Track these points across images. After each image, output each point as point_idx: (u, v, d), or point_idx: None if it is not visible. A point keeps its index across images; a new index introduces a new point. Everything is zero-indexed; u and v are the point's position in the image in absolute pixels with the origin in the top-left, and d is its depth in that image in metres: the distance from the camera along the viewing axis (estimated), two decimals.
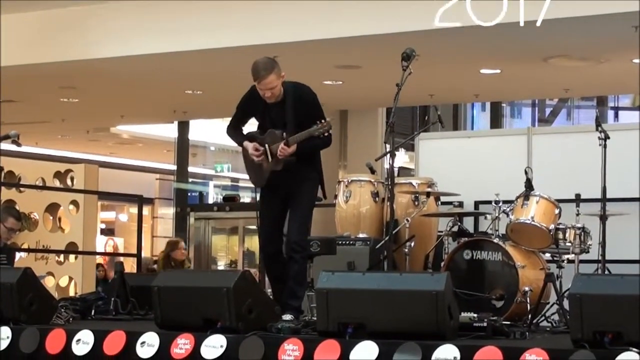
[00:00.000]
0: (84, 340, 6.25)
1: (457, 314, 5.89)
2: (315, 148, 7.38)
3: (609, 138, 7.88)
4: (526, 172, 7.99)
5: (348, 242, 8.56)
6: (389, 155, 7.03)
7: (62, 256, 12.21)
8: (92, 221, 12.32)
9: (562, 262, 7.85)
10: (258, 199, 7.59)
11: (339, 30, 11.43)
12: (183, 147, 19.72)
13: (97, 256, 16.31)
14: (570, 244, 7.79)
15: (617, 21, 10.41)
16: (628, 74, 12.62)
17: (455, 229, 8.25)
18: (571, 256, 7.83)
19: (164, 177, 23.14)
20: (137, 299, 7.86)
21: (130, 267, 15.95)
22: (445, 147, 10.03)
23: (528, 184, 7.93)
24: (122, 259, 19.83)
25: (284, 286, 7.29)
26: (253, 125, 7.64)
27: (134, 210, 20.33)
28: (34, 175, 12.35)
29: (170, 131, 20.00)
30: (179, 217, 19.53)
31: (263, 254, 7.69)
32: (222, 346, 5.88)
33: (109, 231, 24.26)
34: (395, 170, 7.48)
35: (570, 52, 12.15)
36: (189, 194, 20.74)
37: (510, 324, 6.42)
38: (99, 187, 12.49)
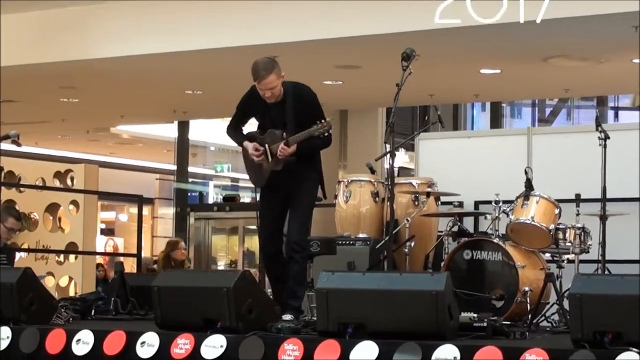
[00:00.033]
0: (84, 340, 6.25)
1: (457, 314, 5.89)
2: (315, 148, 7.38)
3: (609, 138, 7.87)
4: (526, 172, 7.99)
5: (348, 242, 8.55)
6: (389, 155, 7.03)
7: (62, 256, 12.20)
8: (92, 221, 12.31)
9: (562, 262, 7.85)
10: (258, 199, 7.59)
11: (339, 30, 11.42)
12: (183, 147, 19.69)
13: (97, 256, 16.29)
14: (570, 244, 7.78)
15: (617, 21, 10.41)
16: (628, 74, 12.61)
17: (455, 229, 8.24)
18: (571, 256, 7.83)
19: (164, 177, 23.12)
20: (137, 299, 7.87)
21: (130, 267, 15.94)
22: (445, 147, 10.03)
23: (528, 184, 7.93)
24: (122, 259, 19.82)
25: (284, 286, 7.28)
26: (253, 125, 7.64)
27: (134, 210, 20.32)
28: (34, 175, 12.35)
29: (170, 131, 19.98)
30: (179, 217, 19.52)
31: (263, 254, 7.69)
32: (222, 346, 5.88)
33: (109, 231, 24.25)
34: (395, 170, 7.47)
35: (570, 52, 12.14)
36: (189, 194, 20.72)
37: (510, 324, 6.42)
38: (99, 187, 12.48)
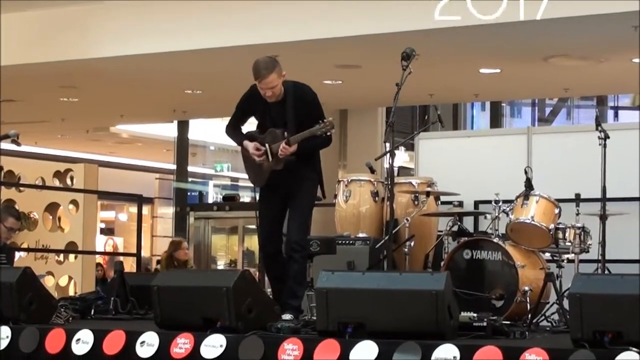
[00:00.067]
0: (84, 339, 6.25)
1: (457, 314, 5.89)
2: (315, 147, 7.37)
3: (608, 137, 7.87)
4: (526, 171, 7.98)
5: (348, 241, 8.55)
6: (388, 155, 7.03)
7: (61, 256, 12.20)
8: (91, 221, 12.31)
9: (562, 261, 7.84)
10: (257, 198, 7.59)
11: (338, 29, 11.42)
12: (183, 147, 19.68)
13: (97, 256, 16.29)
14: (570, 244, 7.78)
15: (616, 21, 10.41)
16: (628, 73, 12.61)
17: (455, 228, 8.24)
18: (571, 256, 7.82)
19: (164, 177, 23.11)
20: (136, 298, 7.86)
21: (130, 266, 15.93)
22: (445, 146, 10.03)
23: (528, 183, 7.92)
24: (121, 258, 19.83)
25: (283, 286, 7.28)
26: (252, 125, 7.63)
27: (134, 209, 20.33)
28: (34, 175, 12.35)
29: (169, 131, 19.97)
30: (178, 216, 19.51)
31: (262, 254, 7.68)
32: (221, 346, 5.88)
33: (108, 231, 24.25)
34: (395, 169, 7.46)
35: (570, 51, 12.14)
36: (189, 194, 20.71)
37: (510, 324, 6.42)
38: (98, 186, 12.48)
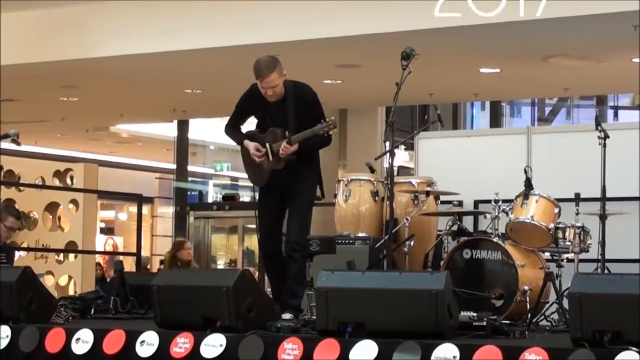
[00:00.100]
0: (84, 339, 6.25)
1: (457, 313, 5.89)
2: (315, 147, 7.37)
3: (608, 137, 7.87)
4: (526, 171, 7.98)
5: (347, 241, 8.55)
6: (388, 154, 7.03)
7: (61, 255, 12.20)
8: (91, 220, 12.31)
9: (561, 261, 7.84)
10: (257, 198, 7.59)
11: (338, 29, 11.42)
12: (182, 146, 19.67)
13: (97, 255, 16.29)
14: (569, 243, 7.78)
15: (616, 20, 10.41)
16: (628, 73, 12.61)
17: (455, 228, 8.24)
18: (571, 255, 7.83)
19: (164, 176, 23.10)
20: (136, 298, 7.86)
21: (130, 266, 15.94)
22: (444, 146, 10.03)
23: (527, 183, 7.92)
24: (121, 258, 19.83)
25: (283, 285, 7.29)
26: (251, 125, 7.63)
27: (134, 209, 20.31)
28: (34, 174, 12.34)
29: (169, 130, 19.96)
30: (178, 216, 19.50)
31: (262, 253, 7.68)
32: (221, 345, 5.88)
33: (108, 230, 24.24)
34: (395, 169, 7.46)
35: (570, 51, 12.14)
36: (189, 193, 20.69)
37: (509, 323, 6.42)
38: (98, 186, 12.47)
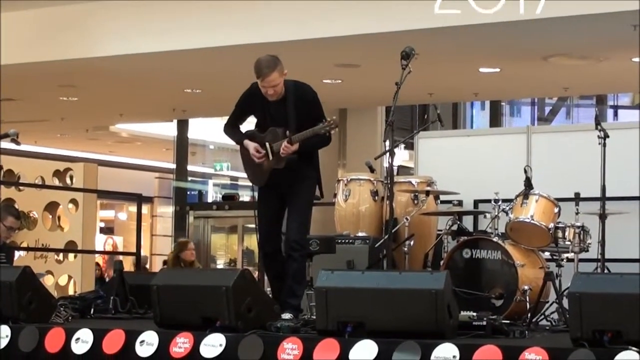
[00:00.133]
0: (83, 339, 6.25)
1: (457, 313, 5.89)
2: (315, 146, 7.37)
3: (608, 137, 7.87)
4: (525, 170, 7.98)
5: (347, 240, 8.55)
6: (388, 154, 7.02)
7: (61, 255, 12.19)
8: (91, 220, 12.31)
9: (561, 260, 7.84)
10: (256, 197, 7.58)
11: (338, 28, 11.42)
12: (182, 146, 19.67)
13: (96, 255, 16.28)
14: (569, 243, 7.78)
15: (616, 20, 10.41)
16: (627, 72, 12.61)
17: (455, 227, 8.24)
18: (570, 255, 7.82)
19: (163, 176, 23.10)
20: (136, 297, 7.86)
21: (129, 265, 15.94)
22: (444, 145, 10.04)
23: (527, 182, 7.92)
24: (121, 257, 19.82)
25: (283, 285, 7.28)
26: (250, 124, 7.63)
27: (133, 208, 20.32)
28: (33, 174, 12.34)
29: (169, 130, 19.95)
30: (178, 215, 19.50)
31: (262, 253, 7.67)
32: (221, 345, 5.87)
33: (108, 230, 24.23)
34: (395, 168, 7.46)
35: (570, 50, 12.14)
36: (188, 193, 20.68)
37: (509, 323, 6.42)
38: (98, 185, 12.46)
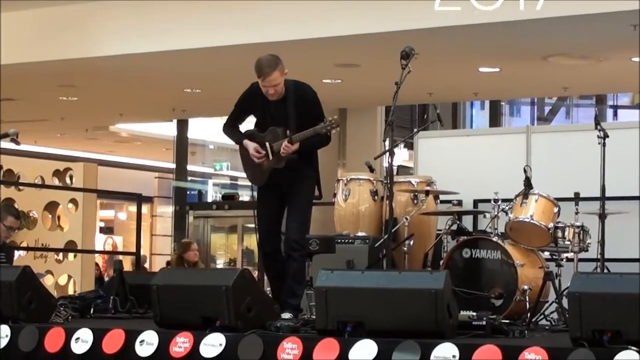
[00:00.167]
0: (83, 338, 6.25)
1: (456, 313, 5.89)
2: (315, 146, 7.37)
3: (608, 136, 7.87)
4: (525, 170, 7.98)
5: (347, 240, 8.55)
6: (388, 154, 7.03)
7: (61, 255, 12.19)
8: (91, 219, 12.30)
9: (561, 260, 7.84)
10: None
11: (338, 28, 11.42)
12: (182, 146, 19.67)
13: (96, 254, 16.28)
14: (569, 243, 7.78)
15: (616, 20, 10.41)
16: (627, 72, 12.62)
17: (454, 227, 8.24)
18: (570, 255, 7.82)
19: (163, 176, 23.10)
20: (136, 297, 7.86)
21: (129, 265, 15.94)
22: (444, 145, 10.04)
23: (527, 182, 7.92)
24: (120, 257, 19.82)
25: (282, 284, 7.28)
26: (249, 124, 7.62)
27: (133, 208, 20.31)
28: (33, 174, 12.33)
29: (169, 129, 19.96)
30: (178, 215, 19.50)
31: (261, 253, 7.66)
32: (221, 345, 5.88)
33: (108, 229, 24.23)
34: (394, 168, 7.46)
35: (570, 50, 12.14)
36: (188, 193, 20.69)
37: (509, 323, 6.42)
38: (98, 185, 12.46)
